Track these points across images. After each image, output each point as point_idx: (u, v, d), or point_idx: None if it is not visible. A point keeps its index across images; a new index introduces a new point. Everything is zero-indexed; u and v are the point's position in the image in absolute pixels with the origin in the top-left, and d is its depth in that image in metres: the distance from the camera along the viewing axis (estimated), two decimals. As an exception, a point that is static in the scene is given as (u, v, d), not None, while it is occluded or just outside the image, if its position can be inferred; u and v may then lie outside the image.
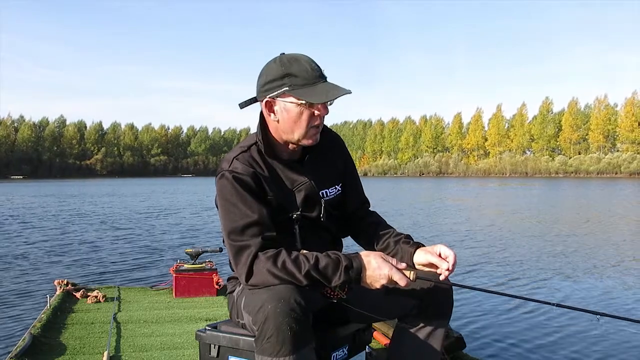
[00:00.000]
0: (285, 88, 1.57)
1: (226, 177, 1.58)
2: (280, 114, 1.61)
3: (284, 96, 1.58)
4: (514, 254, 8.68)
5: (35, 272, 7.17)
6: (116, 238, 11.12)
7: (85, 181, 78.88)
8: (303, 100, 1.56)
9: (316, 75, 1.58)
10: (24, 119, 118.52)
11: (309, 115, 1.59)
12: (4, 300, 5.50)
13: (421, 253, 1.68)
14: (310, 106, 1.58)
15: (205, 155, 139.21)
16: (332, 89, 1.58)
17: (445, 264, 1.62)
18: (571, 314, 4.74)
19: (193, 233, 11.98)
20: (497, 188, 43.86)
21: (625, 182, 60.64)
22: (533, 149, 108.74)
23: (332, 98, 1.57)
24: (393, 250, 1.74)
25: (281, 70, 1.57)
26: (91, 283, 5.71)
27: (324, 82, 1.59)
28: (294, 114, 1.59)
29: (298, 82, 1.56)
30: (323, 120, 1.64)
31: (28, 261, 8.09)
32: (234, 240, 1.54)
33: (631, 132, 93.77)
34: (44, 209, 20.31)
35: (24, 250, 9.33)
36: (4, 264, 7.86)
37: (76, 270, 7.27)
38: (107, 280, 6.46)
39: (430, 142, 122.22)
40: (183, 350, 2.81)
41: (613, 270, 7.21)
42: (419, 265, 1.68)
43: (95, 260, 8.15)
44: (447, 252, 1.64)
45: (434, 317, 1.72)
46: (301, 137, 1.62)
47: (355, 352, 1.82)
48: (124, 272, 7.20)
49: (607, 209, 19.18)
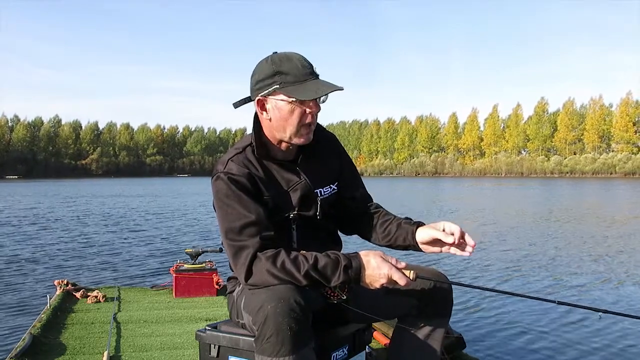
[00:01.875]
0: (276, 86, 1.57)
1: (221, 179, 1.59)
2: (272, 112, 1.61)
3: (275, 94, 1.59)
4: (516, 252, 8.70)
5: (35, 272, 7.15)
6: (116, 238, 11.10)
7: (81, 181, 78.52)
8: (293, 98, 1.56)
9: (307, 72, 1.57)
10: (19, 119, 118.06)
11: (300, 113, 1.59)
12: (4, 300, 5.49)
13: (424, 230, 1.67)
14: (301, 103, 1.58)
15: (201, 155, 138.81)
16: (323, 86, 1.57)
17: (450, 238, 1.61)
18: (572, 312, 4.73)
19: (193, 233, 11.96)
20: (493, 188, 43.94)
21: (621, 182, 60.85)
22: (528, 149, 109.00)
23: (322, 94, 1.56)
24: (395, 234, 1.73)
25: (272, 68, 1.58)
26: (91, 283, 5.72)
27: (315, 79, 1.58)
28: (285, 111, 1.59)
29: (288, 79, 1.56)
30: (316, 119, 1.64)
31: (28, 261, 8.07)
32: (232, 240, 1.54)
33: (626, 132, 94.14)
34: (43, 209, 20.23)
35: (24, 250, 9.30)
36: (4, 264, 7.84)
37: (76, 270, 7.26)
38: (107, 280, 6.44)
39: (426, 142, 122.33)
40: (183, 350, 2.81)
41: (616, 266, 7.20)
42: (422, 243, 1.67)
43: (95, 260, 8.14)
44: (452, 227, 1.63)
45: (433, 316, 1.72)
46: (293, 135, 1.62)
47: (355, 352, 1.82)
48: (124, 272, 7.19)
49: (606, 207, 19.24)
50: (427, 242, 1.67)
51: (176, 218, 16.14)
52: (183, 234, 11.76)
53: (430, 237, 1.66)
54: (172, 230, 12.69)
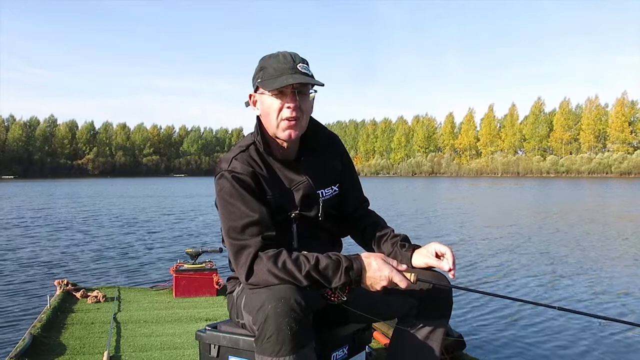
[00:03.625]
0: (259, 80, 1.62)
1: (225, 177, 1.59)
2: (260, 107, 1.65)
3: (258, 90, 1.64)
4: (515, 255, 8.68)
5: (35, 272, 7.13)
6: (116, 238, 11.07)
7: (78, 181, 78.22)
8: (266, 90, 1.59)
9: (285, 67, 1.58)
10: (14, 119, 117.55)
11: (279, 106, 1.60)
12: (4, 300, 5.48)
13: (418, 257, 1.69)
14: (279, 97, 1.59)
15: (198, 155, 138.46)
16: (292, 78, 1.56)
17: (446, 265, 1.64)
18: (572, 316, 4.70)
19: (193, 233, 11.94)
20: (490, 188, 43.96)
21: (617, 182, 60.97)
22: (525, 148, 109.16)
23: (284, 84, 1.54)
24: (391, 254, 1.74)
25: (259, 66, 1.64)
26: (91, 283, 5.72)
27: (291, 74, 1.57)
28: (266, 105, 1.62)
29: (267, 74, 1.60)
30: (299, 114, 1.60)
31: (28, 261, 8.05)
32: (234, 239, 1.54)
33: (621, 132, 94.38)
34: (43, 209, 20.16)
35: (24, 250, 9.28)
36: (4, 264, 7.82)
37: (76, 270, 7.24)
38: (107, 280, 6.43)
39: (423, 142, 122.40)
40: (183, 350, 2.82)
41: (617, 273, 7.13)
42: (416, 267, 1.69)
43: (95, 260, 8.13)
44: (442, 249, 1.65)
45: (433, 317, 1.71)
46: (275, 129, 1.62)
47: (355, 352, 1.82)
48: (124, 272, 7.18)
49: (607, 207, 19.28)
50: (422, 268, 1.69)
51: (176, 218, 16.09)
52: (183, 234, 11.74)
53: (425, 264, 1.68)
54: (172, 230, 12.67)
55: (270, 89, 1.58)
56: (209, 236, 11.28)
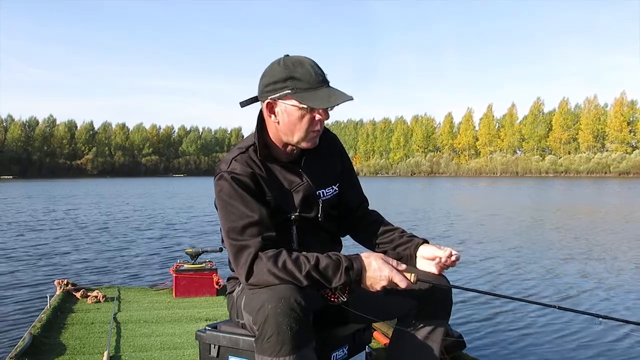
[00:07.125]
0: (288, 91, 1.57)
1: (225, 178, 1.59)
2: (281, 116, 1.61)
3: (286, 99, 1.58)
4: (515, 254, 8.69)
5: (35, 272, 7.12)
6: (116, 238, 11.06)
7: (77, 181, 78.21)
8: (305, 105, 1.57)
9: (319, 79, 1.58)
10: (13, 119, 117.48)
11: (310, 120, 1.60)
12: (4, 300, 5.47)
13: (428, 247, 1.71)
14: (311, 110, 1.59)
15: (197, 155, 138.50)
16: (334, 95, 1.58)
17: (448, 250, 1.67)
18: (572, 315, 4.68)
19: (193, 233, 11.93)
20: (489, 187, 43.98)
21: (615, 181, 61.06)
22: (523, 148, 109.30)
23: (334, 104, 1.57)
24: (398, 242, 1.75)
25: (285, 72, 1.58)
26: (91, 283, 5.71)
27: (327, 87, 1.59)
28: (294, 117, 1.59)
29: (301, 85, 1.56)
30: (323, 125, 1.65)
31: (28, 261, 8.04)
32: (234, 240, 1.54)
33: (620, 132, 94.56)
34: (42, 209, 20.13)
35: (24, 250, 9.26)
36: (4, 263, 7.82)
37: (76, 270, 7.23)
38: (107, 280, 6.42)
39: (422, 142, 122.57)
40: (183, 350, 2.82)
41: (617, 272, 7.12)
42: (423, 257, 1.70)
43: (95, 260, 8.11)
44: (455, 252, 1.68)
45: (433, 317, 1.71)
46: (301, 139, 1.63)
47: (355, 352, 1.82)
48: (124, 272, 7.16)
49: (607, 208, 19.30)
50: (429, 257, 1.70)
51: (176, 218, 16.06)
52: (183, 234, 11.73)
53: (432, 255, 1.69)
54: (172, 230, 12.66)
55: (318, 107, 1.57)
56: (209, 236, 11.28)
